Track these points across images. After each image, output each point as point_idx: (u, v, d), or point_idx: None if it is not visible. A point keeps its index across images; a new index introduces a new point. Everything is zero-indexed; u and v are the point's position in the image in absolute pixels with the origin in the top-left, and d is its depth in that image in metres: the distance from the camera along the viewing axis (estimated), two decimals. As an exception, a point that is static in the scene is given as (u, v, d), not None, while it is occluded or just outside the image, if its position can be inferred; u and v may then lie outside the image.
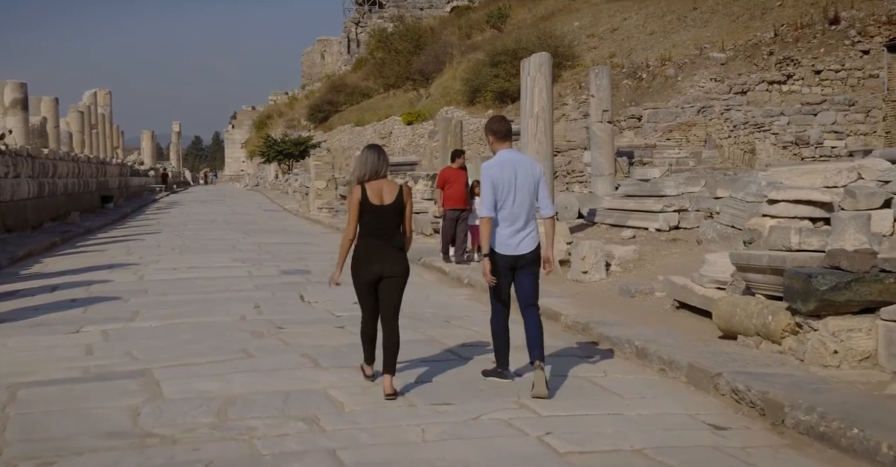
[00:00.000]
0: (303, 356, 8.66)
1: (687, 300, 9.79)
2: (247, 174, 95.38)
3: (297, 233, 26.52)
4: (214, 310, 11.74)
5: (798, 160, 23.84)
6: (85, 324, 10.78)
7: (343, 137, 65.94)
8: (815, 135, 24.24)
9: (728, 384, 6.89)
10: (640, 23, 41.65)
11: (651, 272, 12.74)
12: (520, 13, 64.44)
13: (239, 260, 18.35)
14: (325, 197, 35.41)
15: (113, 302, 12.68)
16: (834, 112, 28.50)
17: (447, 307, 11.94)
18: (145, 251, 20.64)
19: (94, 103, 47.11)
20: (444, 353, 8.87)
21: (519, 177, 7.24)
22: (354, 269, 7.18)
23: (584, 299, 11.39)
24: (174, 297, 13.07)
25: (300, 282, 14.67)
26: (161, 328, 10.51)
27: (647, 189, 16.15)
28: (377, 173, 7.13)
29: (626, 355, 8.58)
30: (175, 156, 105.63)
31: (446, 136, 21.14)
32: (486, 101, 40.18)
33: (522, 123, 15.69)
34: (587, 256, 12.68)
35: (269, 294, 13.33)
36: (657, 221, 15.40)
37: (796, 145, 24.43)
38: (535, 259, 7.39)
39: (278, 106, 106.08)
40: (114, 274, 16.15)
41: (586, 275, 12.71)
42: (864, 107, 29.30)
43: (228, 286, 14.22)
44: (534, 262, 7.41)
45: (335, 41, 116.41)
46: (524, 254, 7.30)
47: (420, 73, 56.88)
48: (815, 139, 24.19)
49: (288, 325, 10.47)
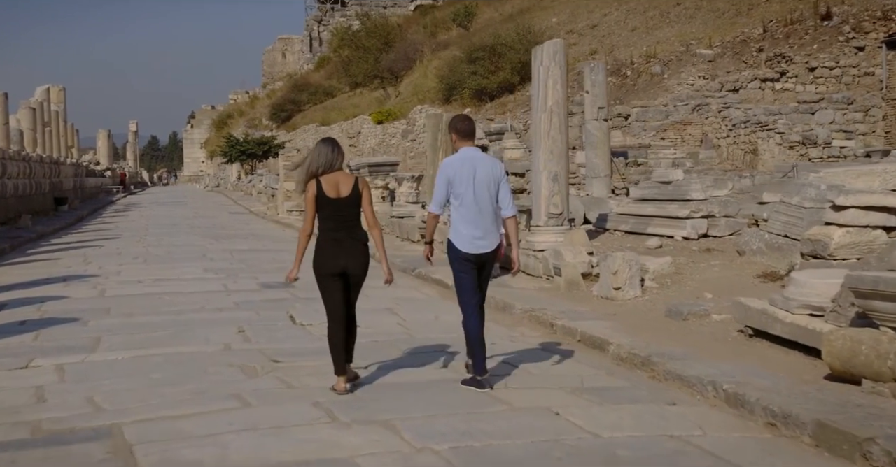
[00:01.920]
0: (313, 405, 6.90)
1: (766, 328, 8.17)
2: (207, 175, 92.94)
3: (269, 238, 24.67)
4: (191, 337, 9.95)
5: (805, 161, 22.42)
6: (36, 356, 8.94)
7: (307, 137, 63.93)
8: (823, 135, 22.84)
9: (888, 454, 5.26)
10: (622, 19, 40.20)
11: (693, 288, 11.13)
12: (486, 12, 63.02)
13: (211, 270, 16.50)
14: (294, 199, 33.48)
15: (70, 324, 10.84)
16: (832, 111, 27.21)
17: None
18: (104, 260, 18.71)
19: (47, 100, 44.80)
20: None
21: (477, 176, 7.28)
22: (318, 264, 7.11)
23: (626, 322, 9.73)
24: (142, 319, 11.24)
25: (285, 298, 12.89)
26: (129, 362, 8.71)
27: (669, 192, 14.56)
28: (331, 166, 7.06)
29: (711, 400, 6.93)
30: (132, 157, 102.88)
31: (436, 134, 19.43)
32: (463, 98, 38.43)
33: (534, 119, 14.02)
34: (620, 270, 11.04)
35: (253, 313, 11.55)
36: (684, 229, 13.81)
37: (803, 145, 23.01)
38: (494, 258, 7.51)
39: (239, 105, 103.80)
40: (70, 288, 14.28)
41: (619, 292, 11.06)
42: (864, 105, 28.04)
43: (203, 304, 12.40)
44: (493, 261, 7.55)
45: (297, 39, 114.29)
46: (485, 253, 7.37)
47: (389, 71, 55.04)
48: (824, 139, 22.80)
49: (284, 358, 8.71)
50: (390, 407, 6.80)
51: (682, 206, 14.06)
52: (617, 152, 24.69)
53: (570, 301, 11.41)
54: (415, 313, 11.38)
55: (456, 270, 7.46)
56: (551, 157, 13.66)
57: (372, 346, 9.18)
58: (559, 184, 13.69)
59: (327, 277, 7.11)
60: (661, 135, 26.96)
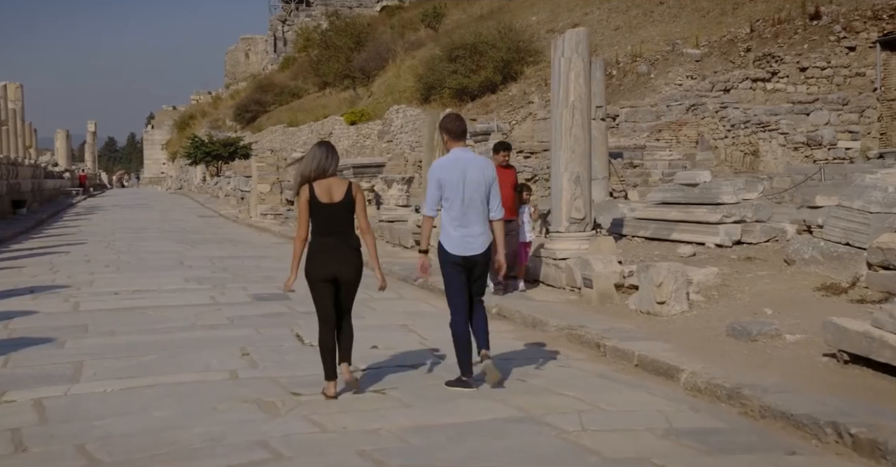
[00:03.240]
0: (360, 455, 5.65)
1: (870, 354, 7.03)
2: (169, 176, 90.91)
3: (246, 243, 23.29)
4: (188, 362, 8.66)
5: (810, 162, 21.47)
6: (8, 387, 7.62)
7: (274, 138, 62.50)
8: (828, 136, 21.89)
9: None
10: (604, 18, 39.21)
11: (746, 303, 10.00)
12: (454, 13, 61.96)
13: (193, 280, 15.16)
14: (268, 202, 32.17)
15: (44, 346, 9.50)
16: (827, 112, 26.29)
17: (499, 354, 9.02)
18: (73, 268, 17.28)
19: (4, 97, 42.90)
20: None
21: (468, 177, 7.25)
22: (309, 270, 7.04)
23: (685, 343, 8.57)
24: (126, 339, 9.91)
25: (284, 312, 11.62)
26: (121, 395, 7.40)
27: (696, 195, 13.45)
28: (325, 172, 7.00)
29: (834, 447, 5.77)
30: (91, 158, 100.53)
31: (432, 133, 18.18)
32: (443, 98, 37.13)
33: (553, 116, 12.84)
34: (665, 282, 9.89)
35: (253, 332, 10.26)
36: (716, 235, 12.70)
37: (808, 146, 22.05)
38: (486, 260, 7.44)
39: (201, 105, 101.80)
40: (39, 301, 12.90)
41: (663, 307, 9.91)
42: (859, 106, 27.19)
43: (193, 320, 11.09)
44: (486, 263, 7.46)
45: (260, 39, 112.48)
46: (475, 255, 7.32)
47: (361, 70, 53.62)
48: (829, 140, 21.85)
49: (304, 389, 7.43)
50: (454, 455, 5.60)
51: (711, 210, 12.96)
52: (611, 153, 23.57)
53: (606, 316, 10.25)
54: (433, 330, 10.15)
55: (445, 272, 7.41)
56: (573, 157, 12.49)
57: (403, 375, 7.95)
58: (582, 186, 12.52)
59: (319, 283, 7.03)
60: (656, 136, 25.92)
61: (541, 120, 31.70)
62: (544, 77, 34.46)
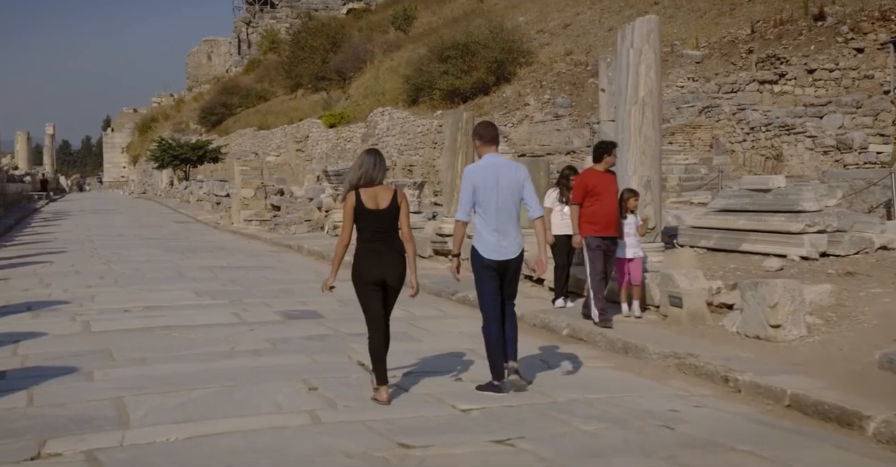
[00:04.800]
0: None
1: None
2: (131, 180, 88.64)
3: (240, 251, 21.82)
4: (250, 399, 7.29)
5: (840, 167, 20.45)
6: (47, 434, 6.24)
7: (244, 141, 60.82)
8: (859, 139, 20.87)
9: None
10: (596, 18, 38.07)
11: (873, 326, 8.82)
12: (424, 15, 60.77)
13: (204, 294, 13.73)
14: (252, 207, 30.66)
15: (69, 378, 8.09)
16: (841, 115, 25.33)
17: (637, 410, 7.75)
18: (65, 280, 15.74)
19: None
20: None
21: (501, 182, 7.30)
22: (357, 273, 7.11)
23: (835, 378, 7.33)
24: (161, 367, 8.51)
25: (328, 334, 10.27)
26: (189, 447, 6.03)
27: (770, 202, 12.26)
28: (372, 180, 7.09)
29: None
30: (49, 161, 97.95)
31: (455, 134, 16.82)
32: (433, 100, 35.69)
33: (619, 114, 11.60)
34: (780, 303, 8.68)
35: (306, 358, 8.91)
36: (801, 246, 11.53)
37: (838, 150, 21.02)
38: (519, 264, 7.44)
39: (163, 108, 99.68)
40: (42, 320, 11.43)
41: (778, 332, 8.70)
42: (873, 109, 26.24)
43: (230, 343, 9.69)
44: (518, 267, 7.46)
45: (223, 41, 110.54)
46: (510, 260, 7.34)
47: (337, 72, 52.05)
48: (860, 143, 20.82)
49: (411, 437, 6.11)
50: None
51: (790, 219, 11.79)
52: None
53: (706, 340, 9.03)
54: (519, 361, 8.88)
55: (478, 277, 7.42)
56: (643, 159, 11.28)
57: (514, 413, 6.65)
58: (653, 191, 11.31)
59: (367, 286, 7.09)
60: (668, 139, 24.80)
61: (538, 122, 30.56)
62: (539, 78, 33.35)
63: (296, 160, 48.59)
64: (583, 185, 9.99)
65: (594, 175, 10.06)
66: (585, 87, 31.78)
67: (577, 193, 10.03)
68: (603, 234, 9.86)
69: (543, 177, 14.52)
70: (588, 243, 9.88)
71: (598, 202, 9.84)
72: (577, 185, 10.11)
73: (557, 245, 11.07)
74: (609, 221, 9.88)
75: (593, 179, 9.98)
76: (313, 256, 20.20)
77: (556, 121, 28.89)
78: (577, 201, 10.02)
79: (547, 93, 31.70)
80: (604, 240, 9.89)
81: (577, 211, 9.97)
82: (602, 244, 9.88)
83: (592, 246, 9.86)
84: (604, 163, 10.08)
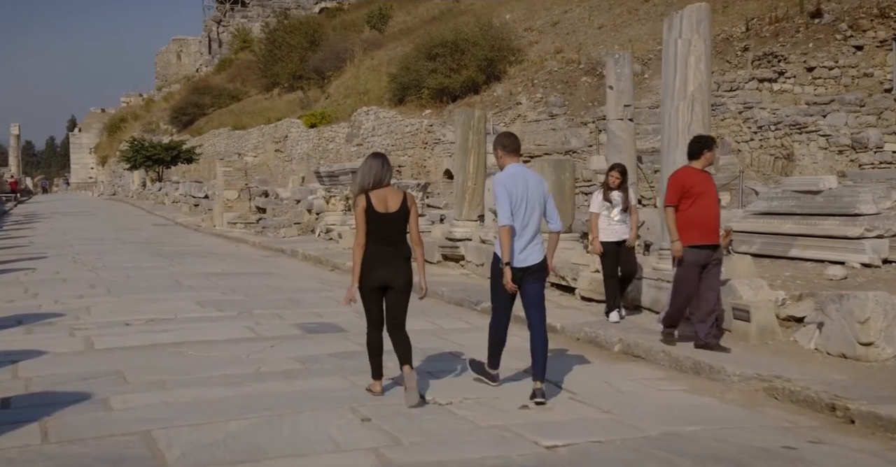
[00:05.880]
0: None
1: None
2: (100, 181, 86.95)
3: (231, 256, 20.83)
4: (297, 433, 6.35)
5: (856, 167, 19.78)
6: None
7: (219, 142, 59.60)
8: (874, 138, 20.20)
9: None
10: (585, 16, 37.27)
11: (969, 341, 8.03)
12: (398, 15, 59.90)
13: (209, 305, 12.76)
14: (236, 209, 29.64)
15: (83, 406, 7.12)
16: (844, 113, 24.70)
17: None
18: (52, 289, 14.69)
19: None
20: None
21: (530, 190, 7.35)
22: (361, 277, 7.16)
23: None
24: (184, 393, 7.55)
25: (357, 350, 9.25)
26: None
27: (820, 204, 11.48)
28: (381, 182, 7.18)
29: None
30: (15, 162, 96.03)
31: (466, 134, 15.93)
32: (421, 99, 34.67)
33: (665, 110, 10.75)
34: (872, 318, 7.89)
35: (344, 381, 8.00)
36: (861, 252, 10.76)
37: (853, 149, 20.34)
38: (542, 269, 7.42)
39: (132, 108, 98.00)
40: (37, 336, 10.42)
41: (869, 350, 7.90)
42: (876, 108, 25.64)
43: (255, 363, 8.74)
44: (541, 272, 7.43)
45: (193, 41, 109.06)
46: (532, 266, 7.33)
47: (316, 71, 50.92)
48: (875, 142, 20.15)
49: (513, 486, 5.24)
50: None
51: (847, 223, 11.01)
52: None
53: (784, 358, 8.22)
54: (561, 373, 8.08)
55: (497, 284, 7.40)
56: (692, 159, 10.43)
57: (602, 456, 5.78)
58: (703, 195, 10.47)
59: (369, 290, 7.21)
60: (672, 139, 24.05)
61: (532, 122, 29.75)
62: (530, 77, 32.51)
63: (274, 161, 47.50)
64: (679, 185, 8.73)
65: (691, 173, 8.80)
66: (578, 85, 31.02)
67: (673, 194, 8.76)
68: (703, 242, 8.64)
69: (569, 178, 13.69)
70: (685, 257, 8.63)
71: (695, 204, 8.61)
72: (672, 185, 8.80)
73: (606, 253, 10.22)
74: (709, 226, 8.65)
75: (691, 178, 8.73)
76: (310, 261, 19.28)
77: (550, 121, 28.08)
78: (672, 203, 8.75)
79: (539, 91, 30.88)
80: (705, 249, 8.70)
81: (673, 214, 8.72)
82: (705, 256, 8.67)
83: (689, 261, 8.63)
84: (702, 159, 8.83)
